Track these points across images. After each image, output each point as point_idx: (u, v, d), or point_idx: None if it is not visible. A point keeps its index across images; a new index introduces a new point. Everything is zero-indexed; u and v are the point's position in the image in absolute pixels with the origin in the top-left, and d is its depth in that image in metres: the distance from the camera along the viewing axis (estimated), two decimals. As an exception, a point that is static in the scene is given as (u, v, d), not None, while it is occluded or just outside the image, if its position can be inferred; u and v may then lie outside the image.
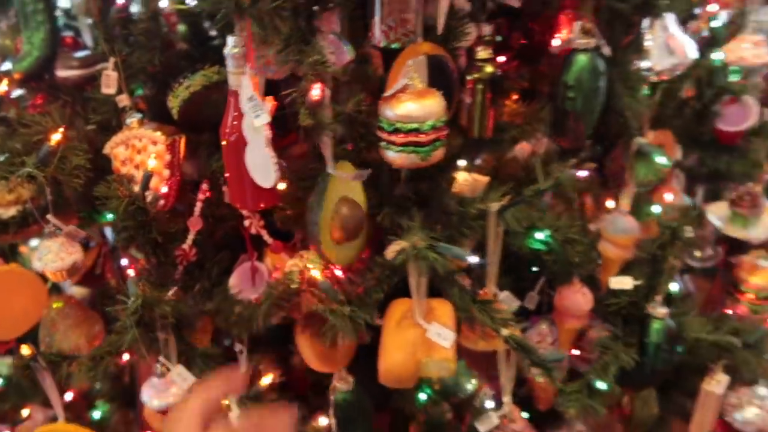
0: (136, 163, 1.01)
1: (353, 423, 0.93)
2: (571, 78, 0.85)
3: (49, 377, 0.91)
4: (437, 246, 0.74)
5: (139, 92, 1.10)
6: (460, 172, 1.04)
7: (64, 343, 1.07)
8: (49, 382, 0.91)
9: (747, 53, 0.96)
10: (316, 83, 0.68)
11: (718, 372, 1.06)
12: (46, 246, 0.88)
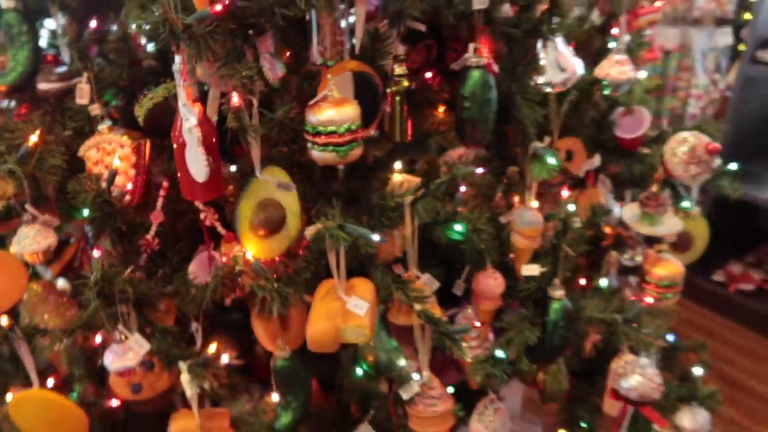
0: (106, 164, 1.17)
1: (291, 386, 1.07)
2: (467, 91, 1.01)
3: (25, 346, 1.06)
4: (346, 226, 0.90)
5: (113, 102, 1.26)
6: (396, 173, 1.20)
7: (41, 323, 1.22)
8: (24, 350, 1.06)
9: (612, 70, 1.12)
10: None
11: (626, 352, 1.22)
12: (24, 232, 1.03)
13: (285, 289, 0.95)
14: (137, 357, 1.00)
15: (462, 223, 1.13)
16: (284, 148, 1.06)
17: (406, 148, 1.24)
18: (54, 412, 1.10)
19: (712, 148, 1.15)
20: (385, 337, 1.19)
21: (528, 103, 1.09)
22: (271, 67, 1.00)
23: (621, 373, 1.14)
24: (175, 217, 1.20)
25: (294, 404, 1.08)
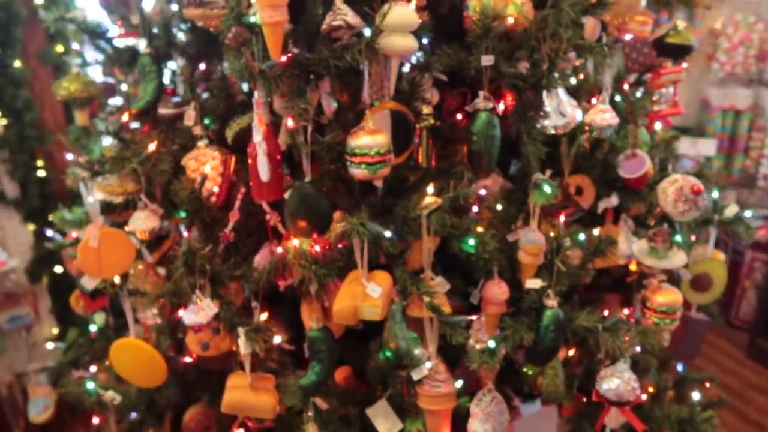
0: (200, 172, 1.52)
1: (319, 353, 1.33)
2: (476, 128, 1.27)
3: (128, 302, 1.40)
4: (366, 224, 1.17)
5: (210, 126, 1.62)
6: (428, 195, 1.47)
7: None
8: (127, 305, 1.40)
9: (597, 117, 1.33)
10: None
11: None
12: (137, 215, 1.38)
13: (321, 271, 1.22)
14: (207, 317, 1.30)
15: (473, 238, 1.37)
16: (332, 165, 1.35)
17: (437, 175, 1.50)
18: (143, 357, 1.43)
19: (696, 189, 1.33)
20: (405, 328, 1.43)
21: (533, 142, 1.33)
22: (327, 104, 1.31)
23: (602, 376, 1.32)
24: (248, 217, 1.52)
25: (317, 368, 1.34)
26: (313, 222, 1.29)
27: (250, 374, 1.42)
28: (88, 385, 1.49)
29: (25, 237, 2.74)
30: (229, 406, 1.40)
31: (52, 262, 2.79)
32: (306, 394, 1.36)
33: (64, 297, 2.86)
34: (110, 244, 1.41)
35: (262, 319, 1.40)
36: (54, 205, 2.73)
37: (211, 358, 1.45)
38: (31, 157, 2.64)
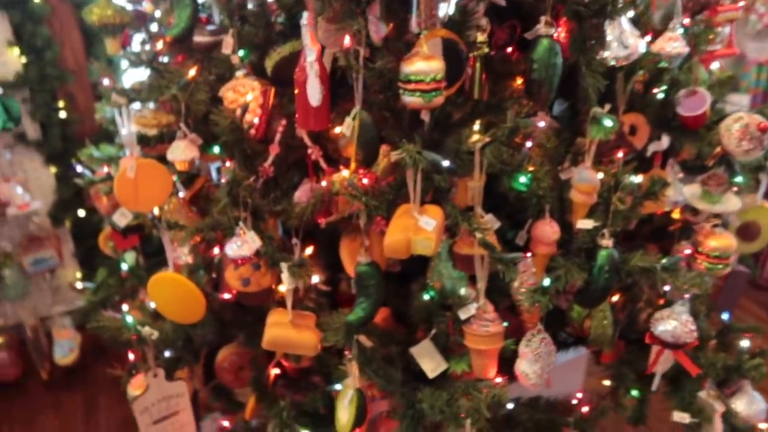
0: (239, 104, 1.46)
1: (366, 288, 1.30)
2: (536, 55, 1.20)
3: (167, 235, 1.36)
4: (422, 152, 1.11)
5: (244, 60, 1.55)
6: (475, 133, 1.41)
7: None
8: (166, 238, 1.36)
9: (666, 45, 1.26)
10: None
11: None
12: (176, 144, 1.33)
13: (372, 202, 1.18)
14: (251, 249, 1.27)
15: (526, 174, 1.31)
16: (380, 95, 1.28)
17: (485, 111, 1.44)
18: (182, 291, 1.40)
19: (763, 126, 1.26)
20: (450, 267, 1.40)
21: (592, 74, 1.25)
22: (376, 29, 1.24)
23: (658, 318, 1.28)
24: (288, 151, 1.46)
25: (365, 304, 1.31)
26: (364, 152, 1.23)
27: (291, 311, 1.39)
28: (127, 319, 1.46)
29: (47, 179, 2.70)
30: (271, 342, 1.37)
31: (74, 205, 2.76)
32: (350, 332, 1.33)
33: (86, 241, 2.85)
34: (147, 175, 1.37)
35: (306, 254, 1.35)
36: (76, 146, 2.69)
37: (250, 295, 1.42)
38: (52, 97, 2.58)
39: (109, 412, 2.79)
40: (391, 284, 1.56)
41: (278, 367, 1.67)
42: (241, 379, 1.78)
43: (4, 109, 2.37)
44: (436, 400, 1.29)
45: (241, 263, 1.29)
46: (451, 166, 1.17)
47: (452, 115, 1.45)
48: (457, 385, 1.33)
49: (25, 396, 2.87)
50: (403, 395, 1.37)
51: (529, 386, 1.34)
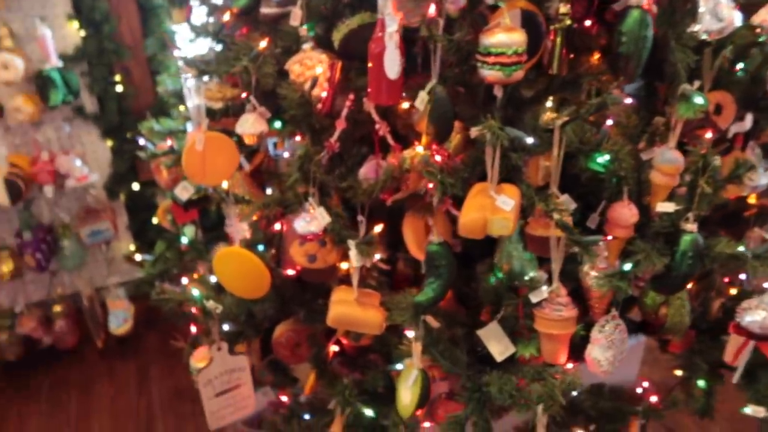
0: (305, 77, 1.43)
1: (437, 268, 1.27)
2: (625, 27, 1.13)
3: (234, 209, 1.35)
4: (505, 128, 1.07)
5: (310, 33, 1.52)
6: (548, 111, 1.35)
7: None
8: (232, 213, 1.35)
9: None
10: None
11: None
12: (245, 117, 1.31)
13: (447, 179, 1.14)
14: (320, 226, 1.25)
15: (605, 153, 1.25)
16: (455, 69, 1.24)
17: (560, 87, 1.38)
18: (248, 266, 1.39)
19: None
20: (521, 249, 1.35)
21: (682, 49, 1.18)
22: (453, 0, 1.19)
23: (746, 308, 1.22)
24: (355, 126, 1.43)
25: (435, 284, 1.28)
26: (437, 128, 1.19)
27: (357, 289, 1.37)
28: (194, 292, 1.47)
29: (103, 153, 2.74)
30: (336, 319, 1.35)
31: (129, 178, 2.80)
32: (418, 312, 1.31)
33: (140, 214, 2.89)
34: (215, 148, 1.35)
35: (375, 231, 1.33)
36: (131, 120, 2.71)
37: (315, 271, 1.40)
38: (109, 71, 2.60)
39: (161, 381, 2.85)
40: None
41: (337, 345, 1.66)
42: (297, 355, 1.78)
43: (64, 83, 2.40)
44: (505, 384, 1.26)
45: (310, 240, 1.27)
46: (535, 142, 1.12)
47: (522, 91, 1.39)
48: (526, 370, 1.30)
49: (80, 363, 2.96)
50: (469, 378, 1.34)
51: (599, 373, 1.30)
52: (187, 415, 2.65)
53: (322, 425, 1.60)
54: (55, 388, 2.83)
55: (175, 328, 3.13)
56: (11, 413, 2.70)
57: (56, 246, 2.69)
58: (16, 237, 2.63)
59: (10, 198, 2.36)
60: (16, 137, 2.56)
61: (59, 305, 2.81)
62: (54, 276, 2.82)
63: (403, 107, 1.41)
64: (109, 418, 2.66)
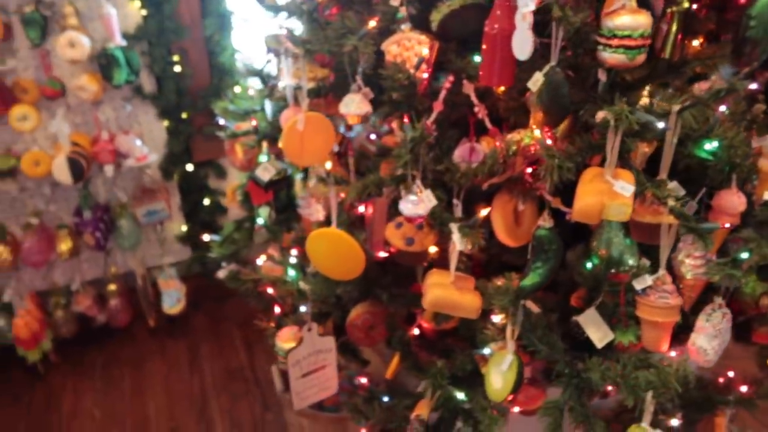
0: (402, 58, 1.41)
1: (544, 253, 1.26)
2: (755, 11, 1.11)
3: (333, 189, 1.34)
4: (634, 111, 1.05)
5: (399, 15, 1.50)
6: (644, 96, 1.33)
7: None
8: (333, 194, 1.34)
9: None
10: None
11: None
12: (351, 97, 1.30)
13: (565, 163, 1.13)
14: (426, 209, 1.24)
15: (717, 139, 1.23)
16: (568, 51, 1.22)
17: (664, 72, 1.36)
18: (343, 247, 1.39)
19: None
20: (621, 235, 1.34)
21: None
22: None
23: None
24: (452, 108, 1.42)
25: (541, 269, 1.27)
26: (554, 111, 1.18)
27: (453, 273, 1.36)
28: (290, 272, 1.47)
29: (159, 133, 2.74)
30: (433, 302, 1.35)
31: (184, 159, 2.81)
32: (519, 297, 1.30)
33: (192, 195, 2.90)
34: (314, 128, 1.35)
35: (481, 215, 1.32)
36: (188, 101, 2.71)
37: (410, 254, 1.40)
38: (167, 51, 2.60)
39: (212, 360, 2.87)
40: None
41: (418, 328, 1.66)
42: (371, 338, 1.78)
43: (126, 62, 2.40)
44: (608, 370, 1.25)
45: (415, 222, 1.27)
46: (666, 127, 1.10)
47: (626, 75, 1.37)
48: (628, 357, 1.29)
49: (132, 342, 2.99)
50: (567, 364, 1.34)
51: (703, 363, 1.29)
52: (240, 395, 2.68)
53: (402, 407, 1.61)
54: (108, 365, 2.86)
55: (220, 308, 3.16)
56: (67, 389, 2.74)
57: (112, 225, 2.70)
58: (75, 216, 2.65)
59: (72, 177, 2.38)
60: (77, 116, 2.57)
61: (113, 284, 2.84)
62: (108, 255, 2.85)
63: (500, 90, 1.40)
64: (163, 395, 2.69)
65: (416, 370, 1.55)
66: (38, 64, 2.44)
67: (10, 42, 2.38)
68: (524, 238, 1.47)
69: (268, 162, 1.69)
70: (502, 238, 1.45)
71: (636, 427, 1.22)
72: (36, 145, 2.51)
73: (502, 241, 1.46)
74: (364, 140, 1.74)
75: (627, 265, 1.34)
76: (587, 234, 1.42)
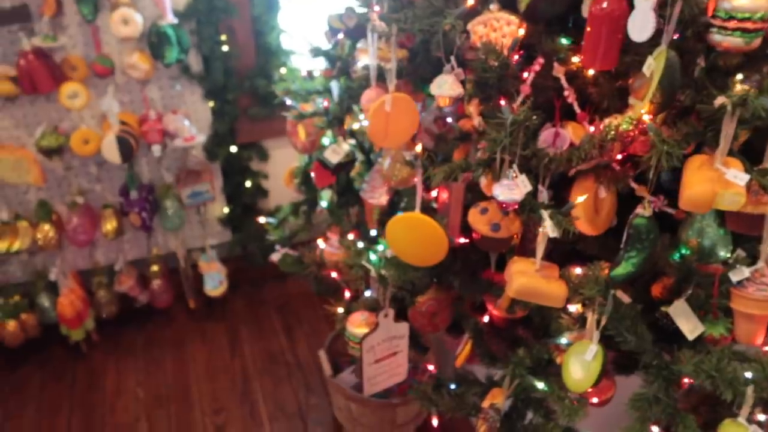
0: (489, 39, 1.37)
1: (640, 242, 1.22)
2: None
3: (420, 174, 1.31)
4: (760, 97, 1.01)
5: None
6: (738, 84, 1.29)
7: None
8: (419, 179, 1.32)
9: None
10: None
11: None
12: (444, 79, 1.27)
13: (675, 149, 1.09)
14: (521, 194, 1.21)
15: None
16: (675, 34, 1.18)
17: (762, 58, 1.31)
18: (427, 233, 1.36)
19: None
20: (715, 225, 1.30)
21: None
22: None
23: None
24: (538, 92, 1.38)
25: (635, 259, 1.24)
26: (664, 96, 1.14)
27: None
28: (371, 257, 1.45)
29: (204, 113, 2.71)
30: (519, 291, 1.32)
31: (228, 141, 2.78)
32: (609, 286, 1.27)
33: (234, 177, 2.87)
34: (400, 110, 1.32)
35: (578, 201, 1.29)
36: (234, 81, 2.68)
37: (494, 240, 1.37)
38: (216, 30, 2.56)
39: (252, 343, 2.87)
40: (613, 240, 1.49)
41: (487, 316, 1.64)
42: (434, 324, 1.76)
43: (177, 41, 2.36)
44: (702, 363, 1.22)
45: (509, 208, 1.24)
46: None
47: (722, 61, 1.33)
48: (720, 350, 1.26)
49: (171, 323, 2.99)
50: (656, 355, 1.31)
51: (797, 357, 1.26)
52: (282, 378, 2.67)
53: (471, 395, 1.59)
54: (149, 345, 2.86)
55: (256, 292, 3.15)
56: (109, 368, 2.74)
57: (157, 206, 2.69)
58: (120, 195, 2.63)
59: (121, 156, 2.36)
60: (124, 95, 2.55)
61: (156, 265, 2.83)
62: (150, 236, 2.83)
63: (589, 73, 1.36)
64: (205, 377, 2.69)
65: (488, 358, 1.53)
66: (87, 41, 2.41)
67: (60, 18, 2.35)
68: (603, 226, 1.44)
69: (336, 144, 1.65)
70: (582, 225, 1.42)
71: (731, 422, 1.20)
72: (83, 123, 2.49)
73: (580, 230, 1.43)
74: (429, 123, 1.70)
75: (719, 257, 1.31)
76: (673, 223, 1.39)
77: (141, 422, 2.48)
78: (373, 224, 1.84)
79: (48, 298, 2.67)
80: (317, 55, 1.76)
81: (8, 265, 2.69)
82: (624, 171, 1.32)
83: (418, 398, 1.58)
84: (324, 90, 1.81)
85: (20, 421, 2.49)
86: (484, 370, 1.64)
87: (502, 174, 1.29)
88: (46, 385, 2.65)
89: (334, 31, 1.82)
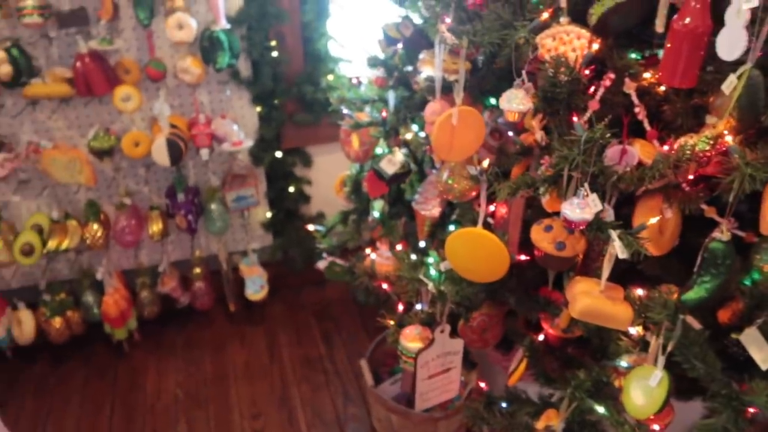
0: (558, 53, 1.34)
1: (715, 267, 1.18)
2: None
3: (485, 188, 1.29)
4: None
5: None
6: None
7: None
8: (484, 193, 1.29)
9: None
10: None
11: None
12: (513, 93, 1.24)
13: (759, 172, 1.05)
14: (592, 213, 1.17)
15: None
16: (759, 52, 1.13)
17: None
18: (486, 248, 1.33)
19: None
20: (792, 250, 1.25)
21: None
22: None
23: None
24: (606, 108, 1.35)
25: (708, 285, 1.19)
26: (747, 116, 1.10)
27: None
28: (431, 272, 1.43)
29: (251, 118, 2.73)
30: (584, 312, 1.29)
31: (273, 146, 2.79)
32: (679, 310, 1.23)
33: (277, 183, 2.88)
34: (466, 123, 1.29)
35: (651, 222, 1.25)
36: (282, 87, 2.69)
37: (557, 259, 1.33)
38: (265, 36, 2.57)
39: (290, 349, 2.87)
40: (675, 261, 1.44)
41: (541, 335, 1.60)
42: (484, 340, 1.73)
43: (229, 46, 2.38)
44: (777, 395, 1.17)
45: (578, 227, 1.20)
46: None
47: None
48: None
49: (211, 325, 3.00)
50: (725, 384, 1.26)
51: None
52: (321, 385, 2.66)
53: (523, 414, 1.55)
54: (189, 347, 2.88)
55: (300, 297, 3.15)
56: (150, 368, 2.77)
57: (202, 209, 2.71)
58: (166, 197, 2.66)
59: (170, 159, 2.38)
60: (174, 98, 2.57)
61: (198, 267, 2.85)
62: (193, 238, 2.86)
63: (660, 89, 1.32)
64: (244, 380, 2.70)
65: (543, 378, 1.49)
66: (141, 45, 2.44)
67: (116, 22, 2.39)
68: (666, 247, 1.40)
69: (391, 155, 1.64)
70: (647, 246, 1.38)
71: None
72: (134, 126, 2.52)
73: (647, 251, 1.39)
74: (486, 136, 1.68)
75: (793, 283, 1.26)
76: (742, 247, 1.33)
77: (181, 424, 2.49)
78: (423, 235, 1.82)
79: (93, 296, 2.71)
80: (374, 64, 1.75)
81: (56, 262, 2.74)
82: (695, 192, 1.28)
83: (470, 415, 1.55)
84: (378, 99, 1.79)
85: (62, 415, 2.52)
86: (533, 388, 1.60)
87: (568, 191, 1.26)
88: (89, 382, 2.69)
89: (389, 39, 1.81)
